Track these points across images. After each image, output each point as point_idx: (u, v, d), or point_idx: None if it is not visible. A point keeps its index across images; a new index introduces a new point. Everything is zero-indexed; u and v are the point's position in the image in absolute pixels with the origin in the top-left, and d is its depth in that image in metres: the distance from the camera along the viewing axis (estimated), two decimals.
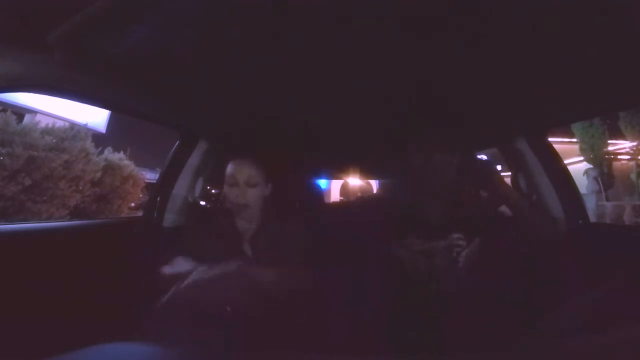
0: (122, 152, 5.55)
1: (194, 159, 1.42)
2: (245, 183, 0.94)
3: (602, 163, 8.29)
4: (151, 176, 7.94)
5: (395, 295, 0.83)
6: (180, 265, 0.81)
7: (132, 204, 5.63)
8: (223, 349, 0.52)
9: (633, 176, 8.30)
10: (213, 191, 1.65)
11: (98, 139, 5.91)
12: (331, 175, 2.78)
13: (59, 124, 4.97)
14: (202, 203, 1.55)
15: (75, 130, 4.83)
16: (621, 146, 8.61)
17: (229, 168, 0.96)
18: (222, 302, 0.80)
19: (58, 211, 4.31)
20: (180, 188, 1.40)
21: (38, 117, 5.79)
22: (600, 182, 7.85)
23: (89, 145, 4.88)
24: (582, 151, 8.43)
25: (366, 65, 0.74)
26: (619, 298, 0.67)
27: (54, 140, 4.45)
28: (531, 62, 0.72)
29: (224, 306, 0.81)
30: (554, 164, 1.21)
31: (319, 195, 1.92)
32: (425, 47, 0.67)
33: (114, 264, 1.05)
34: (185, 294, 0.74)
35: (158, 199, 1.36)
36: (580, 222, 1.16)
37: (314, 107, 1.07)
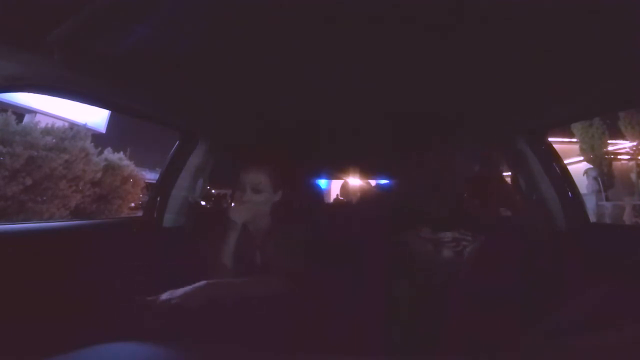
0: (122, 152, 5.55)
1: (194, 159, 1.42)
2: (251, 189, 1.01)
3: (602, 163, 8.28)
4: (151, 176, 7.93)
5: (394, 295, 0.83)
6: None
7: (132, 204, 5.63)
8: (223, 349, 0.52)
9: (633, 176, 8.30)
10: (213, 191, 1.65)
11: (98, 139, 5.90)
12: (331, 175, 2.78)
13: (59, 124, 4.96)
14: (203, 203, 1.55)
15: (75, 131, 4.83)
16: (621, 146, 8.60)
17: (241, 174, 1.02)
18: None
19: (59, 211, 4.31)
20: (180, 188, 1.40)
21: (38, 117, 5.78)
22: (600, 182, 7.84)
23: (89, 145, 4.88)
24: (582, 151, 8.42)
25: (366, 65, 0.75)
26: (619, 298, 0.67)
27: (54, 140, 4.44)
28: (531, 62, 0.72)
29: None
30: (554, 164, 1.21)
31: (320, 195, 1.92)
32: (425, 48, 0.67)
33: (114, 264, 1.05)
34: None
35: (158, 199, 1.36)
36: (580, 222, 1.16)
37: (314, 108, 1.07)
